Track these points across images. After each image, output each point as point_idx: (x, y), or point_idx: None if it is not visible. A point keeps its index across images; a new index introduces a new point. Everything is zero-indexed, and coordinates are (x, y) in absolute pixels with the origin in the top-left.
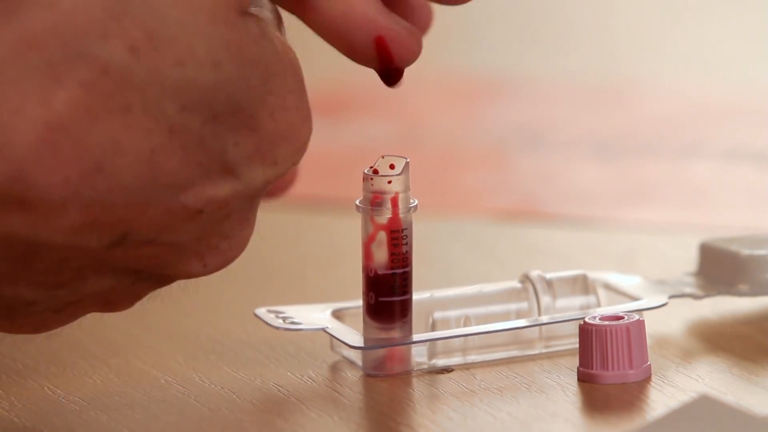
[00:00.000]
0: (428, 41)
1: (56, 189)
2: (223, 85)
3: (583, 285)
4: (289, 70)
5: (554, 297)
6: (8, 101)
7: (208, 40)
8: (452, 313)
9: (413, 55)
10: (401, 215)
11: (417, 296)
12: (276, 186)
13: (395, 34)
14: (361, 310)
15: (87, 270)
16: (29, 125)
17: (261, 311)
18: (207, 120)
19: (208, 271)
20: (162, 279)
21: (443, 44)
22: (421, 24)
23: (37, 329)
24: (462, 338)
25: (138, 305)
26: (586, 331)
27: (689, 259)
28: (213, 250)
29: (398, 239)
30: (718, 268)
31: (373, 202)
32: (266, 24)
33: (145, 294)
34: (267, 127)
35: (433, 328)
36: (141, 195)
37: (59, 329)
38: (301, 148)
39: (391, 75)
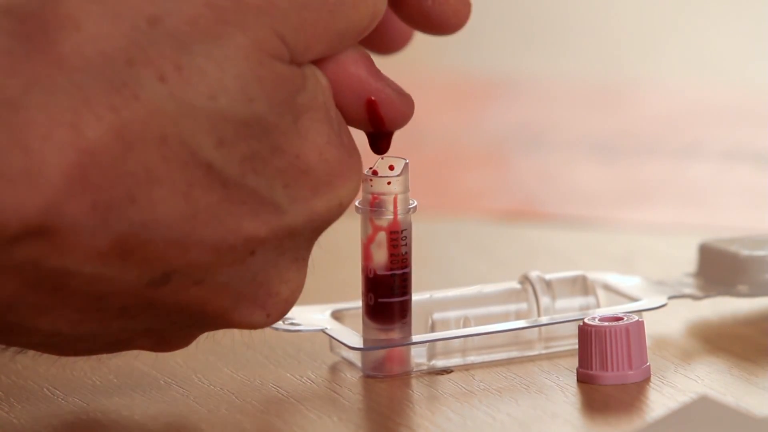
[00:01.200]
0: (428, 41)
1: (83, 217)
2: (256, 121)
3: (582, 286)
4: (325, 108)
5: (554, 298)
6: (37, 126)
7: (240, 77)
8: (452, 314)
9: (404, 119)
10: (400, 216)
11: (416, 297)
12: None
13: (386, 98)
14: (360, 311)
15: (133, 309)
16: (59, 151)
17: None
18: (246, 158)
19: (271, 321)
20: (220, 324)
21: (443, 44)
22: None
23: (89, 354)
24: (461, 339)
25: None
26: (585, 332)
27: (689, 260)
28: (273, 298)
29: (397, 240)
30: (718, 268)
31: (373, 203)
32: (303, 69)
33: (199, 335)
34: (318, 167)
35: (433, 329)
36: (180, 231)
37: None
38: (355, 181)
39: (380, 139)
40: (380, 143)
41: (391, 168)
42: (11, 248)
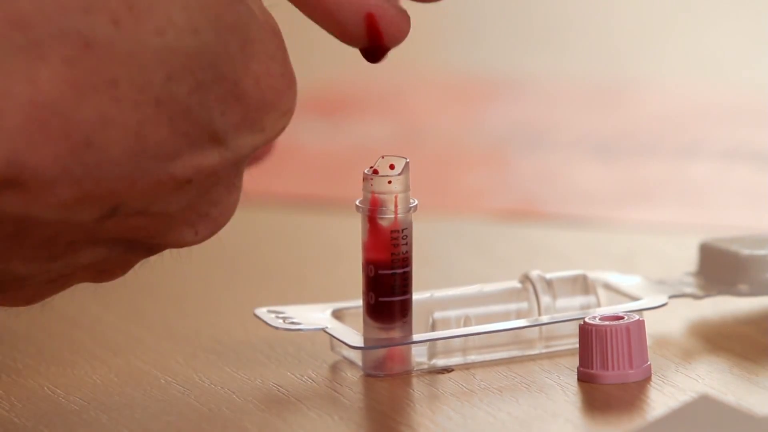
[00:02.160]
0: (428, 41)
1: (47, 167)
2: (203, 51)
3: (583, 285)
4: (269, 35)
5: (554, 297)
6: None
7: (185, 7)
8: (452, 313)
9: (402, 34)
10: (401, 215)
11: (417, 296)
12: (260, 151)
13: (385, 12)
14: (361, 310)
15: (79, 243)
16: (17, 106)
17: (261, 311)
18: (192, 89)
19: (199, 239)
20: (154, 247)
21: (443, 44)
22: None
23: (29, 301)
24: (462, 338)
25: (137, 306)
26: (586, 331)
27: (689, 259)
28: (203, 218)
29: (398, 239)
30: (718, 268)
31: (373, 202)
32: None
33: (137, 262)
34: (252, 94)
35: (433, 328)
36: (130, 167)
37: (50, 299)
38: (286, 114)
39: (376, 53)
40: (375, 55)
41: (392, 167)
42: None
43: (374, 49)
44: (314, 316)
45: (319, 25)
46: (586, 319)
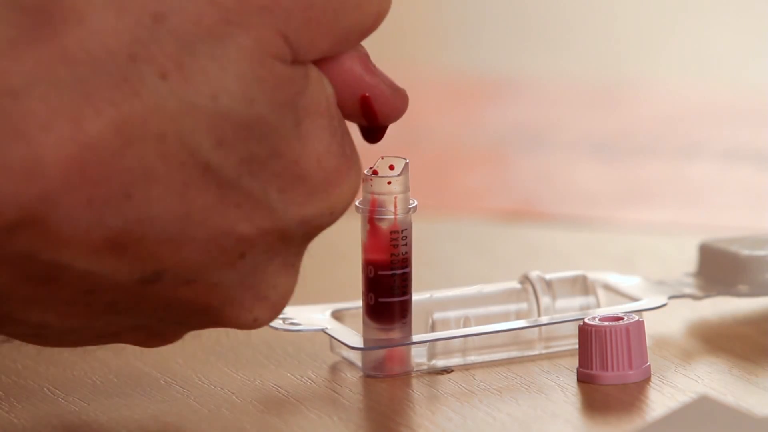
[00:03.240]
0: (428, 41)
1: (79, 211)
2: (257, 123)
3: (582, 285)
4: (328, 113)
5: (554, 297)
6: (37, 117)
7: (240, 77)
8: (452, 314)
9: (398, 114)
10: (400, 216)
11: (417, 297)
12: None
13: (380, 93)
14: (360, 311)
15: (122, 304)
16: (57, 142)
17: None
18: (244, 160)
19: (258, 324)
20: (208, 323)
21: (443, 44)
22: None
23: (74, 345)
24: (461, 339)
25: None
26: (585, 332)
27: (689, 260)
28: (262, 302)
29: (398, 240)
30: (718, 268)
31: (373, 203)
32: (307, 69)
33: (188, 332)
34: (314, 174)
35: (433, 328)
36: (173, 230)
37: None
38: (352, 192)
39: (374, 133)
40: (374, 135)
41: (392, 168)
42: (6, 238)
43: (371, 128)
44: (314, 316)
45: None
46: (586, 320)
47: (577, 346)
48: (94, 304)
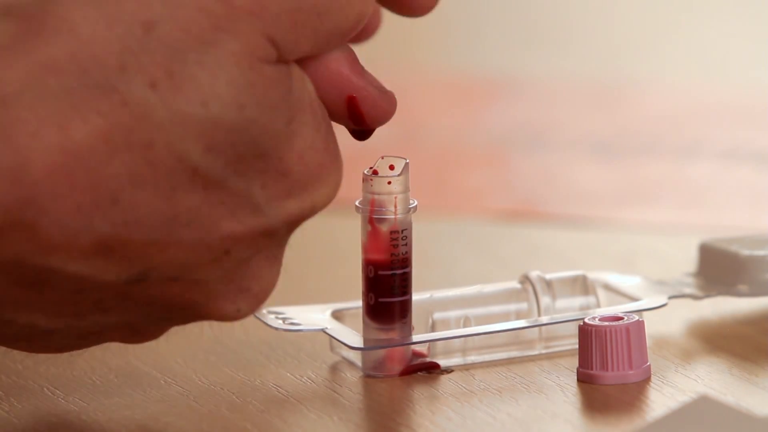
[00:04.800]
0: (428, 41)
1: (67, 217)
2: (247, 127)
3: (582, 285)
4: (312, 109)
5: (554, 297)
6: (25, 124)
7: (231, 83)
8: (452, 314)
9: (385, 116)
10: (400, 216)
11: (417, 297)
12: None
13: (368, 95)
14: (360, 311)
15: (108, 303)
16: (44, 149)
17: (261, 312)
18: (230, 161)
19: (241, 315)
20: (192, 317)
21: (443, 44)
22: (369, 28)
23: (59, 351)
24: (462, 339)
25: None
26: (585, 332)
27: (689, 260)
28: (244, 293)
29: (398, 240)
30: (718, 268)
31: (373, 203)
32: (290, 68)
33: (171, 327)
34: (296, 169)
35: (433, 328)
36: (160, 232)
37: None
38: (333, 187)
39: (362, 133)
40: (362, 135)
41: (392, 168)
42: None
43: (360, 130)
44: (314, 316)
45: None
46: (586, 320)
47: (577, 346)
48: (81, 304)
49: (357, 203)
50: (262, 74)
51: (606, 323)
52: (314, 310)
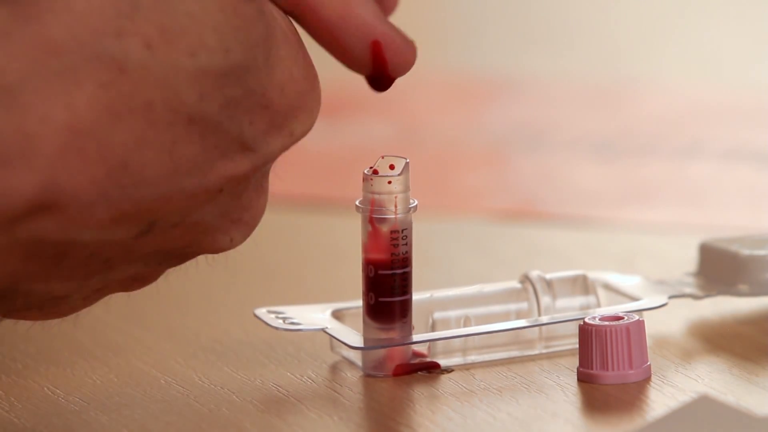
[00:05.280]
0: (428, 41)
1: (84, 191)
2: (233, 69)
3: (582, 285)
4: (289, 41)
5: (554, 297)
6: (34, 110)
7: (217, 29)
8: (452, 314)
9: (407, 64)
10: (401, 216)
11: (417, 296)
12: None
13: (392, 41)
14: (360, 311)
15: (116, 260)
16: (54, 131)
17: (261, 311)
18: (222, 105)
19: (235, 244)
20: (188, 255)
21: (443, 44)
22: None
23: (63, 315)
24: (462, 338)
25: (137, 306)
26: (585, 332)
27: (689, 259)
28: (236, 224)
29: (398, 240)
30: (718, 268)
31: (373, 202)
32: (263, 3)
33: (167, 269)
34: (278, 101)
35: (433, 328)
36: (165, 186)
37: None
38: (312, 113)
39: (381, 81)
40: (380, 84)
41: (392, 167)
42: (15, 227)
43: (379, 77)
44: (314, 316)
45: (325, 48)
46: (586, 320)
47: (577, 346)
48: (92, 265)
49: (357, 203)
50: (243, 15)
51: (606, 323)
52: (314, 309)
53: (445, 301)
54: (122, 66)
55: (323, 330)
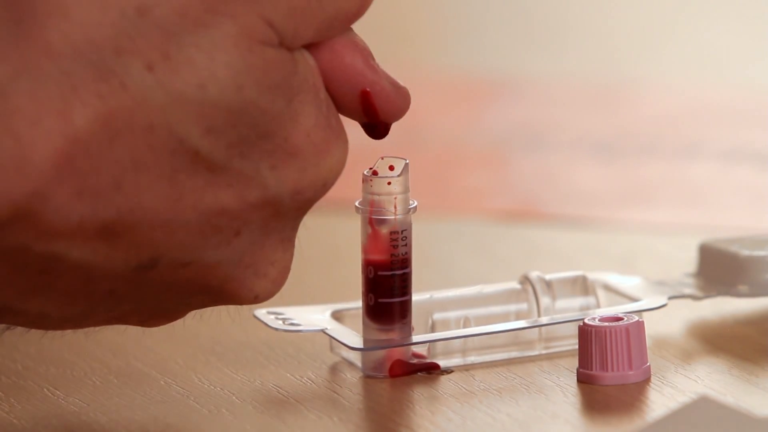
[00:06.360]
0: (429, 41)
1: (69, 203)
2: (247, 108)
3: (582, 286)
4: (314, 87)
5: (554, 298)
6: (26, 113)
7: (231, 65)
8: (452, 314)
9: (399, 112)
10: (400, 216)
11: (416, 297)
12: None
13: (381, 90)
14: (360, 312)
15: (121, 292)
16: (46, 137)
17: (260, 312)
18: (233, 143)
19: (259, 300)
20: (210, 302)
21: (443, 44)
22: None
23: (77, 328)
24: (461, 339)
25: None
26: (585, 332)
27: (689, 260)
28: (261, 278)
29: (397, 240)
30: (718, 268)
31: (373, 203)
32: (295, 53)
33: (190, 311)
34: (304, 149)
35: (433, 329)
36: (165, 215)
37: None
38: (341, 163)
39: (377, 129)
40: (376, 132)
41: (391, 168)
42: (0, 234)
43: (373, 125)
44: (314, 317)
45: None
46: (586, 320)
47: (577, 347)
48: (93, 293)
49: (357, 204)
50: (263, 56)
51: (606, 324)
52: (314, 310)
53: (445, 302)
54: (123, 82)
55: (323, 331)
